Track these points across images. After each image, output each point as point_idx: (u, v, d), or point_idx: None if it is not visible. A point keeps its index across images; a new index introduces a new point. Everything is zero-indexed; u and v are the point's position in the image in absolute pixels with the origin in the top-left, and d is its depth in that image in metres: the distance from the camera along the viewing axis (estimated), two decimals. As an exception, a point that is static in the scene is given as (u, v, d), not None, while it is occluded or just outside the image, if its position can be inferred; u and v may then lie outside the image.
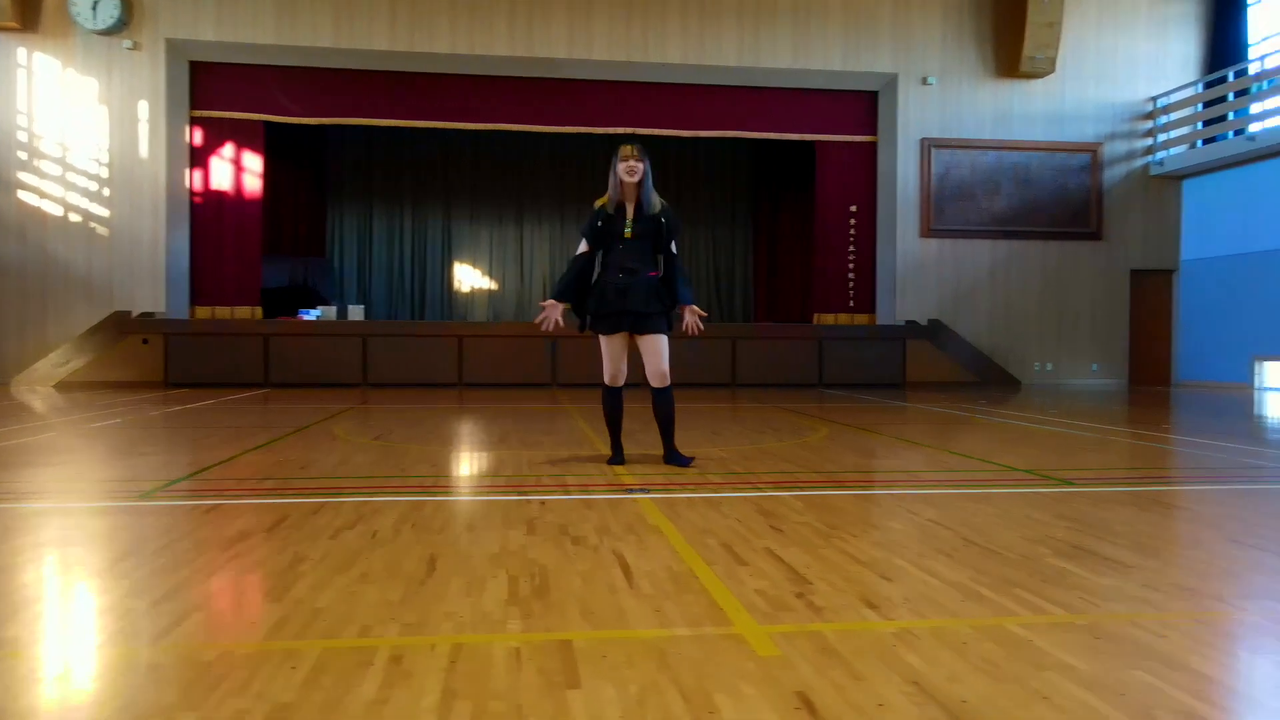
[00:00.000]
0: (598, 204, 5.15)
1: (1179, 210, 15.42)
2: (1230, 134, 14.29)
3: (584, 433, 6.91)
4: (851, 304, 15.18)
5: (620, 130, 14.84)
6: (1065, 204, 15.21)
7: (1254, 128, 13.75)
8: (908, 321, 14.68)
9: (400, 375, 13.15)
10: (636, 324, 5.04)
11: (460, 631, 2.17)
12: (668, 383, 5.13)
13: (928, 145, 14.85)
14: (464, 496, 4.10)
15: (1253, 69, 14.29)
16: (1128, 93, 15.27)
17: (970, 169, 14.99)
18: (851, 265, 15.17)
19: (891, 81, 14.83)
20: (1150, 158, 15.36)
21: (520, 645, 2.08)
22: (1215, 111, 14.67)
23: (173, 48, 13.41)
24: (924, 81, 14.78)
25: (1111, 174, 15.30)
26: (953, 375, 14.52)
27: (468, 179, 18.66)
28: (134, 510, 3.71)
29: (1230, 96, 14.47)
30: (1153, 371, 15.53)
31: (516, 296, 18.98)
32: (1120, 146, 15.32)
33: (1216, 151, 14.33)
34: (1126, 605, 2.44)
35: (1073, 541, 3.21)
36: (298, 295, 15.07)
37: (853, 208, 15.15)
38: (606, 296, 5.00)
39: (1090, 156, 15.20)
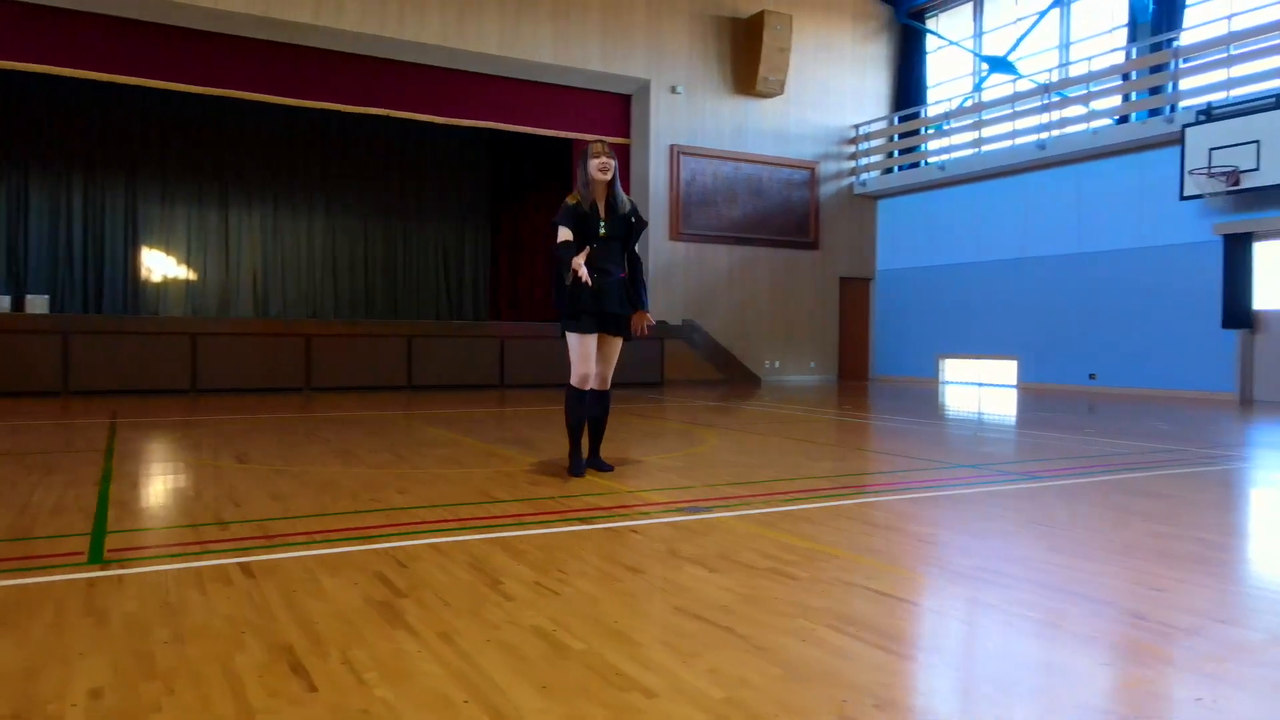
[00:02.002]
0: (570, 200, 4.74)
1: (875, 226, 17.57)
2: (923, 162, 16.54)
3: (467, 443, 6.21)
4: (606, 304, 15.30)
5: (369, 110, 13.70)
6: (789, 215, 16.64)
7: (941, 158, 16.03)
8: (659, 321, 15.14)
9: (116, 380, 10.93)
10: (614, 325, 4.79)
11: (969, 711, 1.81)
12: (609, 386, 4.99)
13: (676, 152, 15.43)
14: (531, 530, 3.46)
15: (936, 110, 16.68)
16: (837, 118, 17.06)
17: (713, 177, 15.83)
18: (606, 265, 15.31)
19: (645, 87, 15.20)
20: (854, 178, 17.31)
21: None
22: (906, 143, 16.91)
23: None
24: (673, 90, 15.34)
25: (825, 190, 17.02)
26: (703, 373, 15.25)
27: (160, 150, 16.05)
28: (146, 582, 2.65)
29: (925, 130, 16.72)
30: (856, 367, 17.55)
31: (221, 289, 16.70)
32: (832, 166, 17.09)
33: (909, 177, 16.53)
34: (1355, 591, 2.68)
35: (1194, 535, 3.48)
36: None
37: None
38: (583, 297, 4.64)
39: (810, 173, 16.78)
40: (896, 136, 17.04)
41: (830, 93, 16.93)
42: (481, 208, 18.45)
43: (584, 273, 4.41)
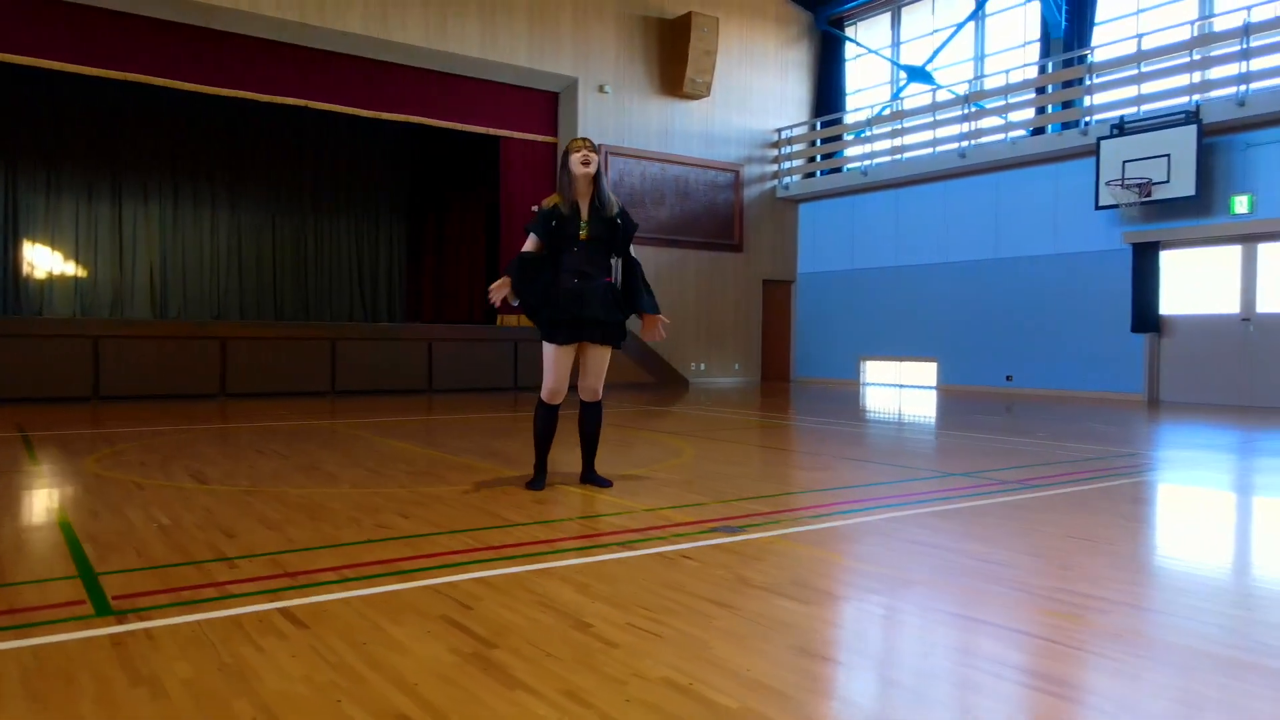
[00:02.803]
0: (546, 203, 4.57)
1: (797, 229, 17.78)
2: (845, 168, 16.82)
3: (435, 456, 5.87)
4: (533, 305, 14.97)
5: (284, 100, 12.98)
6: (715, 217, 16.66)
7: (863, 163, 16.32)
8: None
9: (5, 388, 9.98)
10: (598, 333, 4.53)
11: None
12: (599, 398, 4.74)
13: (604, 151, 15.21)
14: (575, 559, 3.21)
15: (855, 116, 17.00)
16: (760, 122, 17.18)
17: (640, 178, 15.70)
18: (534, 266, 14.97)
19: (572, 85, 14.94)
20: (777, 182, 17.48)
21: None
22: (828, 149, 17.16)
23: None
24: (601, 89, 15.12)
25: (749, 193, 17.12)
26: (634, 376, 15.10)
27: (46, 136, 14.83)
28: (182, 637, 2.30)
29: (846, 136, 16.99)
30: (778, 369, 17.72)
31: (114, 288, 15.58)
32: (755, 169, 17.20)
33: (831, 181, 16.79)
34: None
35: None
36: None
37: (535, 208, 14.93)
38: (562, 303, 4.43)
39: (734, 176, 16.84)
40: (819, 141, 17.28)
41: (754, 96, 17.03)
42: (400, 206, 17.80)
43: (494, 296, 4.39)
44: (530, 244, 4.52)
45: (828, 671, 2.13)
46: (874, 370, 16.54)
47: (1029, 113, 14.03)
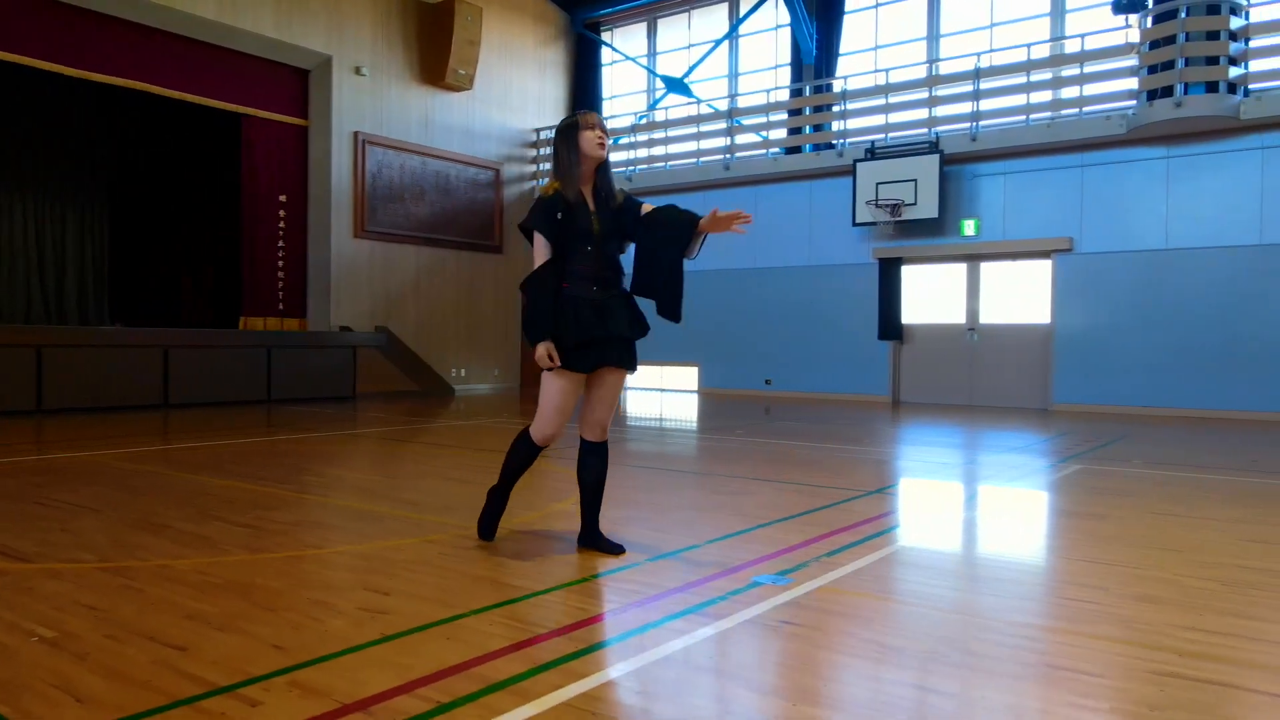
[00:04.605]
0: (546, 191, 3.56)
1: (554, 232, 17.47)
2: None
3: (298, 499, 4.83)
4: (281, 307, 13.33)
5: (-39, 47, 10.38)
6: (475, 216, 15.92)
7: (626, 169, 16.39)
8: (342, 327, 13.55)
9: None
10: (624, 355, 3.67)
11: None
12: (607, 436, 3.79)
13: (361, 139, 13.92)
14: (683, 639, 2.65)
15: (613, 123, 17.05)
16: (519, 120, 16.68)
17: (400, 171, 14.56)
18: (281, 264, 13.32)
19: (326, 64, 13.49)
20: (536, 182, 17.07)
21: None
22: (587, 151, 17.04)
23: None
24: (358, 71, 13.81)
25: (509, 192, 16.56)
26: (397, 384, 13.97)
27: None
28: None
29: (616, 141, 16.94)
30: (536, 375, 17.29)
31: None
32: (515, 169, 16.67)
33: (591, 186, 16.68)
34: None
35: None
36: None
37: (282, 198, 13.31)
38: (583, 319, 3.52)
39: (494, 174, 16.20)
40: (578, 144, 17.09)
41: (513, 93, 16.50)
42: (100, 187, 14.96)
43: (543, 361, 3.53)
44: (540, 251, 3.54)
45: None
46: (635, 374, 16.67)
47: (784, 132, 14.87)
